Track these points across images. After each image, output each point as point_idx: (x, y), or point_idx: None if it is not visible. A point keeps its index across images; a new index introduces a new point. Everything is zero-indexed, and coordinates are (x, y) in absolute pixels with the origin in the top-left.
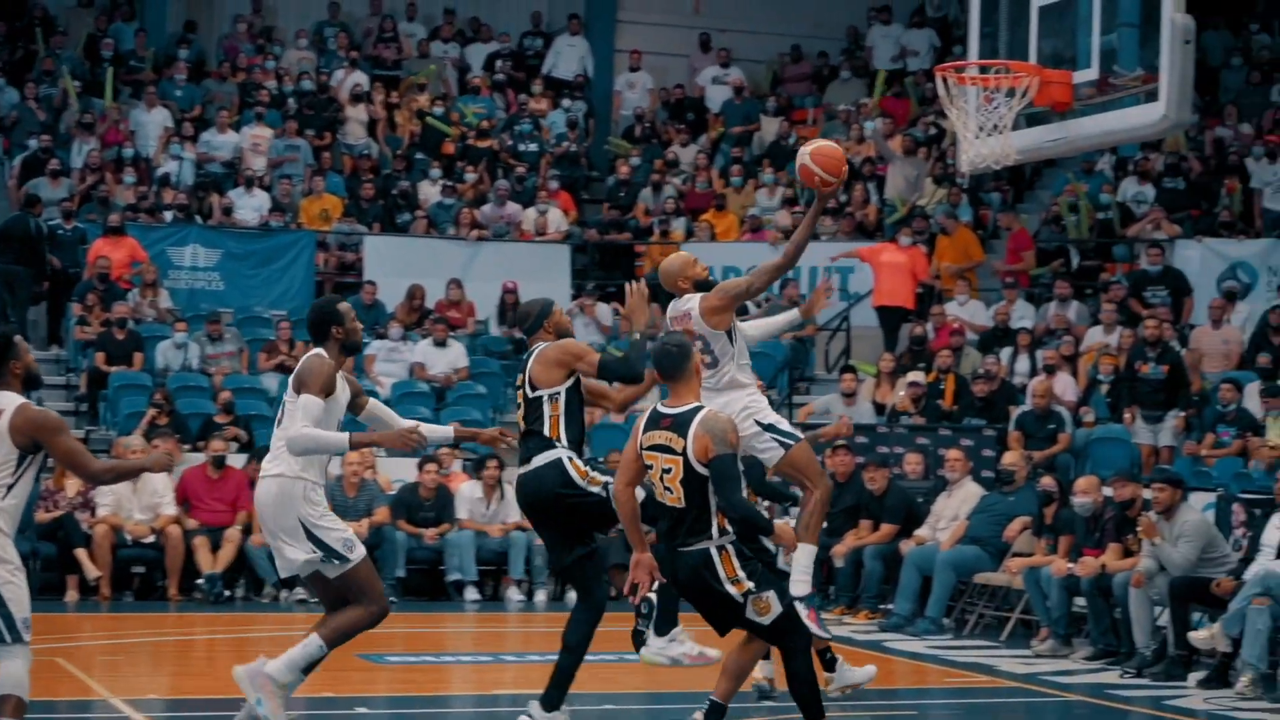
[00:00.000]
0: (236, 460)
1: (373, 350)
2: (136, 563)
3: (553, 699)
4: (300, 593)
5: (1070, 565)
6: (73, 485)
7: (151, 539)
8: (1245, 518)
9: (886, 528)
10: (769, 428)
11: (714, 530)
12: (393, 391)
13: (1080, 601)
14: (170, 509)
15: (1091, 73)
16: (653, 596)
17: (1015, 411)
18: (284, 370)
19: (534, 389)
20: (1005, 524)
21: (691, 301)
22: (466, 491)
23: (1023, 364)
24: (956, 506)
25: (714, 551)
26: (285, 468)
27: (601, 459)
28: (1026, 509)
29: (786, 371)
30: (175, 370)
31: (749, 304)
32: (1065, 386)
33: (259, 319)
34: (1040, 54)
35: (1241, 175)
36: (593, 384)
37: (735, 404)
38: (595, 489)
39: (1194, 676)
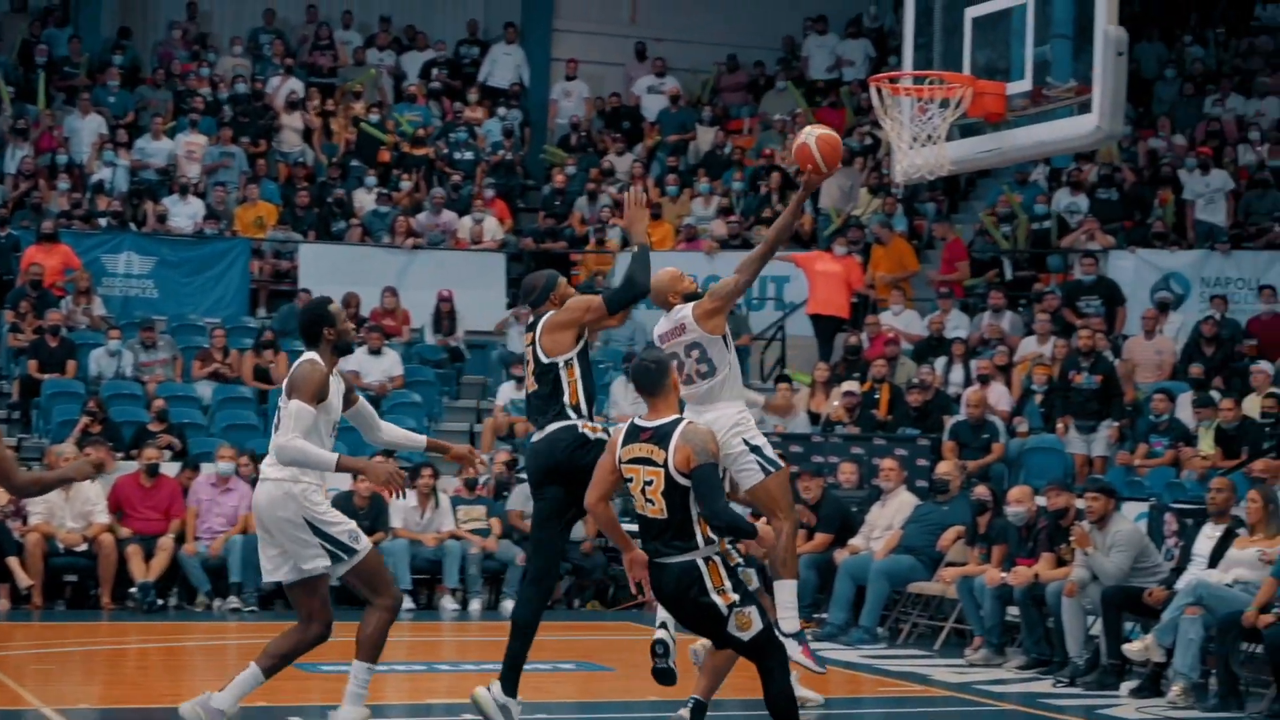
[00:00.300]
0: (170, 469)
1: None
2: (69, 571)
3: (508, 682)
4: (233, 602)
5: (1003, 575)
6: (2, 494)
7: (84, 547)
8: (1177, 527)
9: (821, 537)
10: (755, 449)
11: (699, 540)
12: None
13: (1014, 611)
14: (103, 517)
15: (1025, 84)
16: (666, 637)
17: (949, 421)
18: (218, 379)
19: (547, 357)
20: (939, 533)
21: (684, 311)
22: (400, 500)
23: (957, 374)
24: (891, 516)
25: (700, 562)
26: (285, 471)
27: None
28: (960, 518)
29: None
30: (109, 378)
31: None
32: (999, 396)
33: (193, 326)
34: (974, 65)
35: (1175, 186)
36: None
37: (724, 420)
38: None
39: (1126, 686)
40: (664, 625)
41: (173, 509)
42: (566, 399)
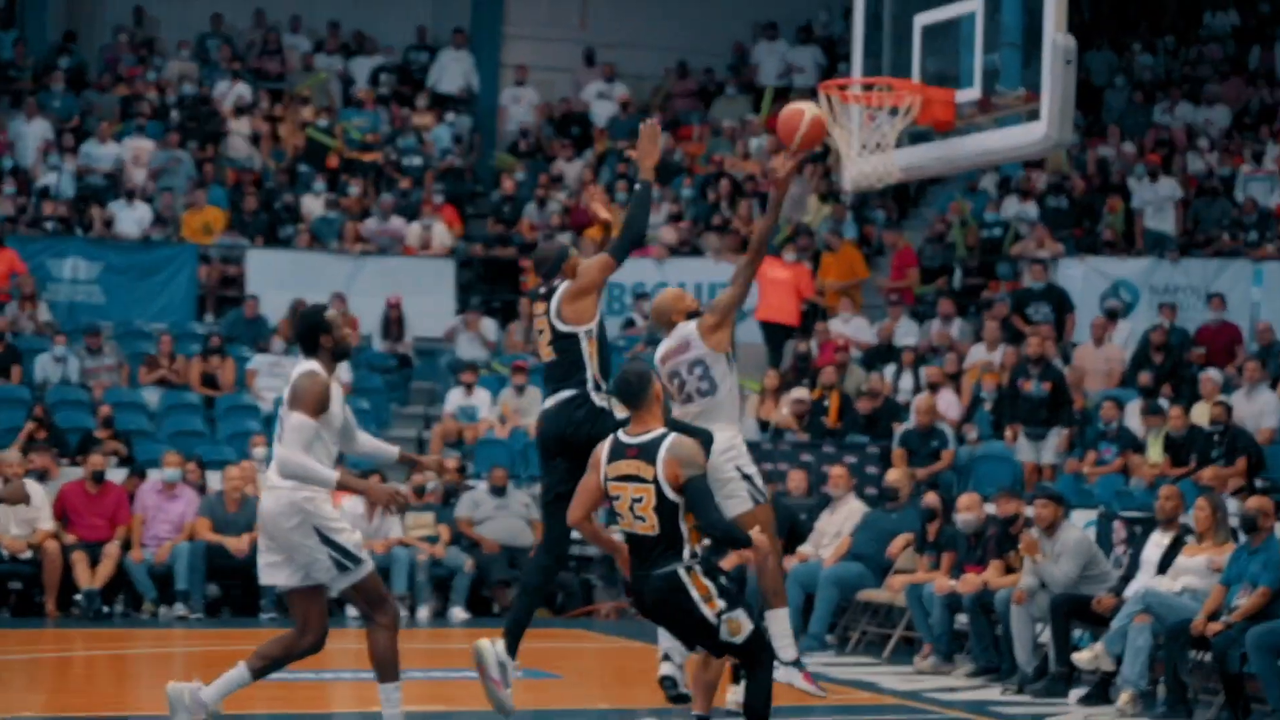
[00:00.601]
0: (116, 475)
1: (255, 364)
2: (13, 578)
3: (511, 642)
4: (179, 609)
5: (952, 583)
6: None
7: (29, 554)
8: (1126, 535)
9: None
10: (747, 478)
11: (685, 553)
12: (275, 407)
13: (962, 619)
14: (48, 524)
15: (974, 92)
16: (672, 670)
17: (899, 428)
18: (165, 384)
19: (567, 326)
20: (888, 541)
21: (687, 329)
22: (349, 507)
23: (906, 381)
24: (840, 523)
25: (682, 572)
26: (292, 479)
27: (484, 474)
28: (909, 526)
29: None
30: (54, 384)
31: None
32: (948, 404)
33: (140, 332)
34: (924, 73)
35: (1124, 194)
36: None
37: (719, 443)
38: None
39: (1075, 693)
40: (667, 657)
41: (119, 515)
42: (588, 370)
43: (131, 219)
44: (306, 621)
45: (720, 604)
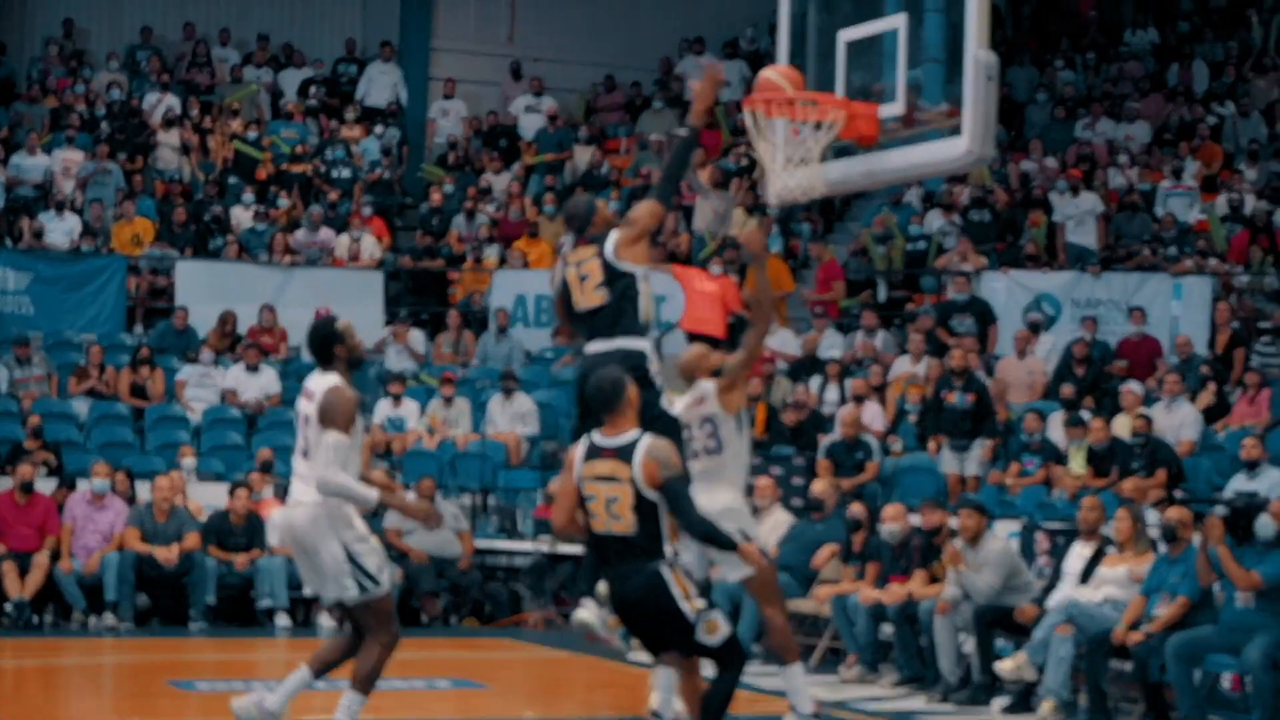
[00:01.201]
0: (45, 485)
1: (184, 375)
2: None
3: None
4: (109, 619)
5: (877, 593)
6: None
7: None
8: (1048, 546)
9: None
10: (749, 541)
11: (667, 551)
12: (204, 417)
13: (887, 629)
14: None
15: (898, 107)
16: (657, 704)
17: (824, 440)
18: (94, 395)
19: (626, 265)
20: (814, 551)
21: (706, 386)
22: (278, 518)
23: (832, 393)
24: (765, 534)
25: (665, 570)
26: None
27: (412, 485)
28: (835, 537)
29: None
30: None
31: None
32: (873, 415)
33: (69, 343)
34: (848, 88)
35: (1046, 209)
36: None
37: (718, 502)
38: (659, 383)
39: (998, 703)
40: (655, 689)
41: (48, 526)
42: (641, 314)
43: (61, 230)
44: (375, 626)
45: (700, 603)
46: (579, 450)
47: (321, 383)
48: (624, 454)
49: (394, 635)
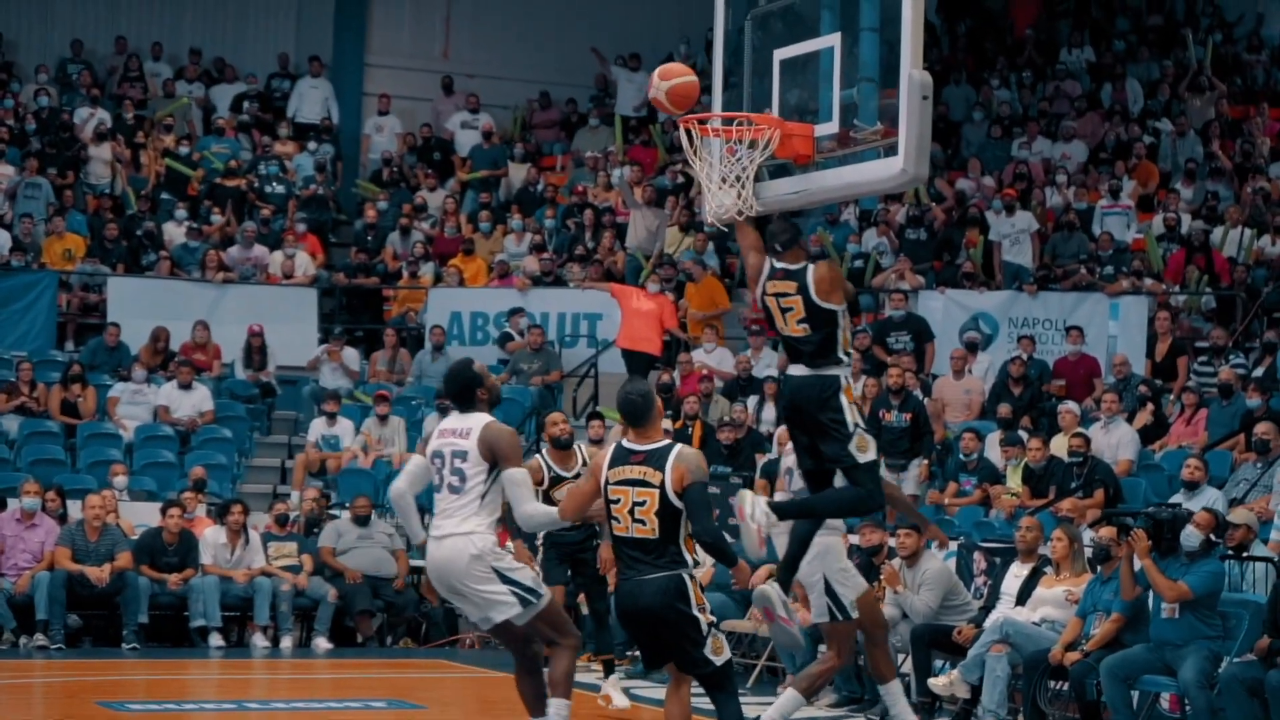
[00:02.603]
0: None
1: (116, 392)
2: None
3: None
4: (40, 639)
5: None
6: None
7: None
8: (986, 566)
9: None
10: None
11: (688, 559)
12: (136, 435)
13: (823, 648)
14: None
15: (833, 126)
16: None
17: (761, 459)
18: (24, 412)
19: (828, 304)
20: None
21: None
22: (210, 537)
23: (769, 412)
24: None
25: (687, 577)
26: (474, 525)
27: (347, 504)
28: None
29: (534, 417)
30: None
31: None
32: None
33: None
34: (784, 106)
35: (982, 228)
36: None
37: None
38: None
39: None
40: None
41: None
42: (840, 345)
43: None
44: (556, 632)
45: (713, 618)
46: (607, 455)
47: (474, 422)
48: (656, 458)
49: (575, 635)
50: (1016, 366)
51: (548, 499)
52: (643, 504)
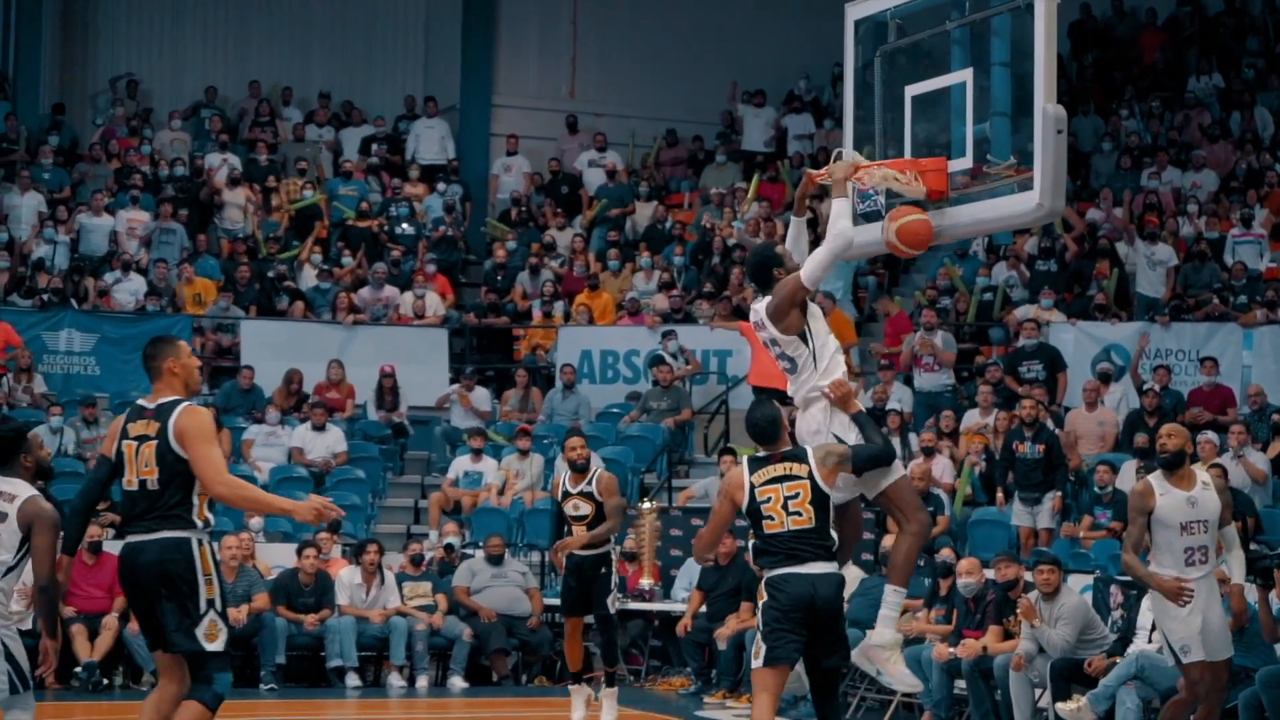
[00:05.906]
0: (113, 546)
1: (250, 435)
2: None
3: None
4: None
5: (951, 649)
6: None
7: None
8: (1122, 599)
9: (746, 606)
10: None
11: (834, 550)
12: (271, 476)
13: (961, 684)
14: None
15: (966, 161)
16: None
17: None
18: None
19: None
20: None
21: None
22: (346, 577)
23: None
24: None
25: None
26: None
27: (481, 543)
28: (910, 591)
29: (665, 455)
30: (50, 456)
31: None
32: (943, 469)
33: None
34: (915, 141)
35: (1113, 259)
36: None
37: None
38: None
39: None
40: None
41: (116, 587)
42: None
43: (126, 290)
44: (903, 511)
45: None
46: (742, 472)
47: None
48: (794, 455)
49: (924, 523)
50: (1150, 399)
51: (559, 512)
52: (797, 496)
